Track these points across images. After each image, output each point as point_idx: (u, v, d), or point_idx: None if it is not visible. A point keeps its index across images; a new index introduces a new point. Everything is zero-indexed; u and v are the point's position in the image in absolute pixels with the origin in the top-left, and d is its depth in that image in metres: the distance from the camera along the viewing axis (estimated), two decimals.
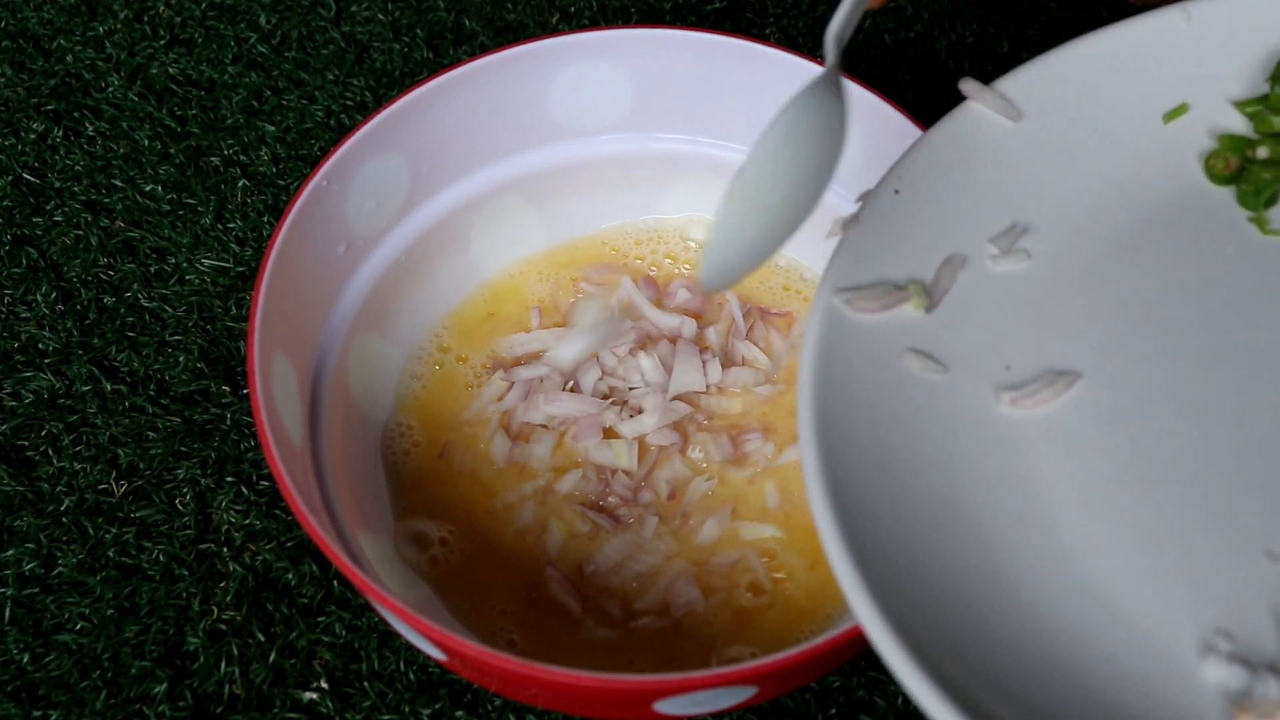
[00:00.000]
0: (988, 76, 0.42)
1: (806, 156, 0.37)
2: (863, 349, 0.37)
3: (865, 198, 0.40)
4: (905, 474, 0.35)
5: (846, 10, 0.39)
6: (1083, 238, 0.40)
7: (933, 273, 0.39)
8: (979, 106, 0.41)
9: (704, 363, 0.51)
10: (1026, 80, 0.41)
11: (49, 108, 0.62)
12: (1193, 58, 0.41)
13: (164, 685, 0.46)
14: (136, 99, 0.62)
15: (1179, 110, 0.41)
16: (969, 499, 0.35)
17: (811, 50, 0.63)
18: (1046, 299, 0.39)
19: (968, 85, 0.41)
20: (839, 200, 0.51)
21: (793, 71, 0.49)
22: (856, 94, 0.48)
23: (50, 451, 0.51)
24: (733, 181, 0.35)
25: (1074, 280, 0.39)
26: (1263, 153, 0.40)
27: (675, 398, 0.50)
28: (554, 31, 0.56)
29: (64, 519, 0.49)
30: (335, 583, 0.48)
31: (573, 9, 0.65)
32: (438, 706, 0.45)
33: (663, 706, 0.39)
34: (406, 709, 0.45)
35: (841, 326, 0.37)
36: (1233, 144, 0.40)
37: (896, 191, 0.39)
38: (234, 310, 0.55)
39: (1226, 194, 0.40)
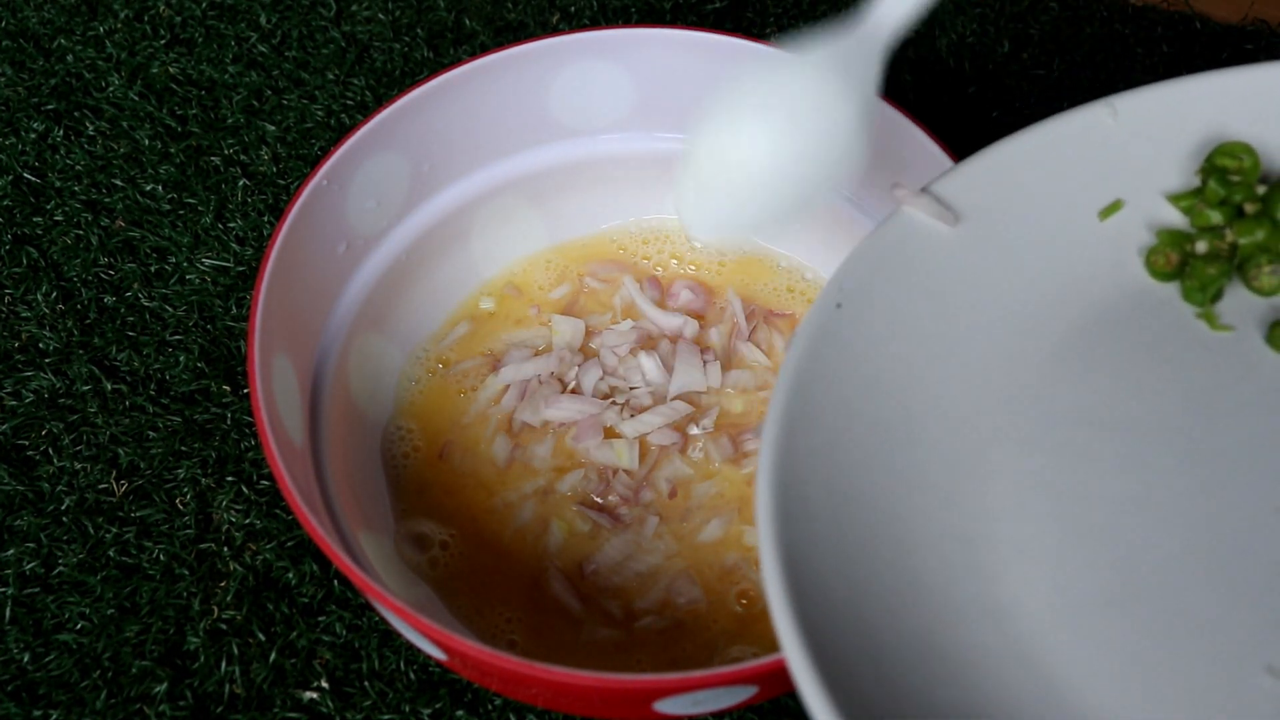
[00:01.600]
0: (988, 76, 0.42)
1: (798, 127, 0.35)
2: (820, 479, 0.35)
3: (807, 315, 0.38)
4: (877, 612, 0.33)
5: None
6: (1031, 343, 0.38)
7: (881, 388, 0.37)
8: (915, 213, 0.39)
9: (705, 363, 0.51)
10: (961, 181, 0.40)
11: (49, 107, 0.62)
12: (1123, 152, 0.40)
13: (164, 685, 0.46)
14: (137, 98, 0.62)
15: (1114, 207, 0.40)
16: (944, 635, 0.33)
17: None
18: (1001, 408, 0.37)
19: (901, 192, 0.39)
20: (840, 200, 0.51)
21: None
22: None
23: (50, 451, 0.51)
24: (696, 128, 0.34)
25: (1027, 388, 0.38)
26: (1202, 247, 0.39)
27: (676, 397, 0.50)
28: (554, 31, 0.56)
29: (64, 518, 0.49)
30: (336, 582, 0.48)
31: (573, 9, 0.65)
32: (438, 706, 0.45)
33: (663, 706, 0.39)
34: (407, 709, 0.45)
35: (796, 453, 0.35)
36: (1171, 239, 0.39)
37: (839, 305, 0.37)
38: (234, 310, 0.55)
39: (1171, 290, 0.39)
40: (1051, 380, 0.38)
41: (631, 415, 0.49)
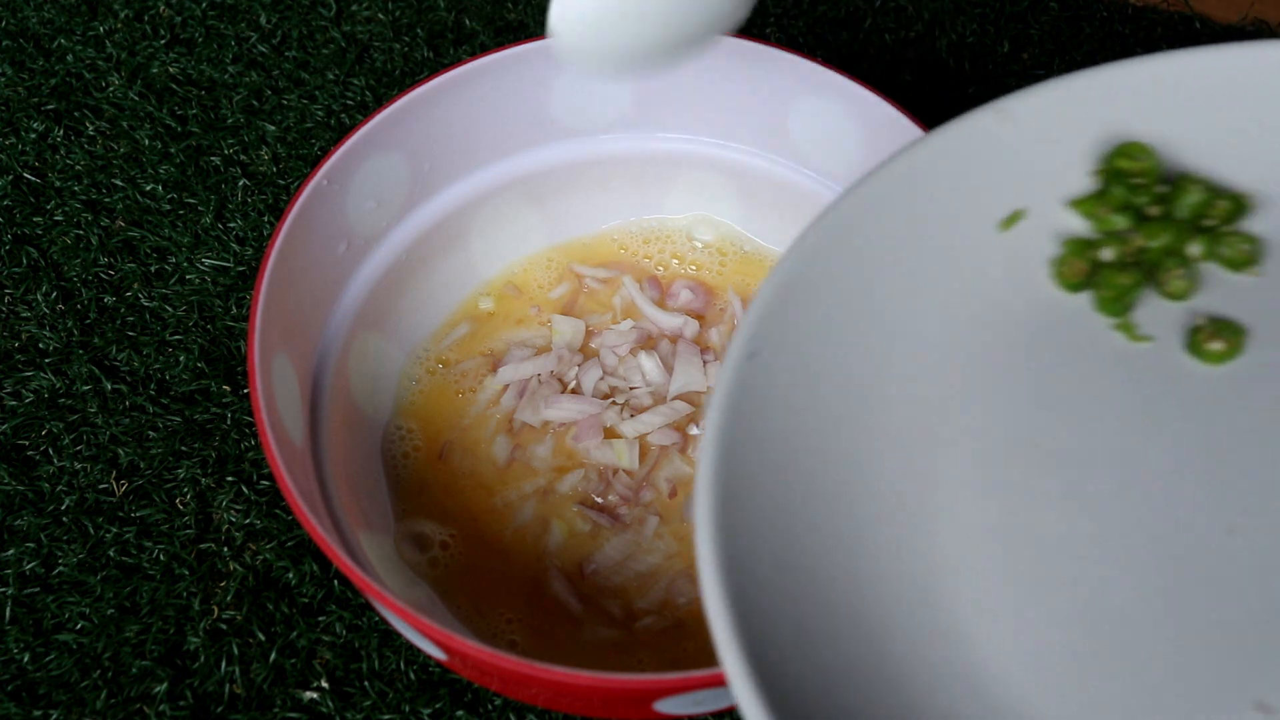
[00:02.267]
0: (988, 76, 0.41)
1: None
2: (766, 553, 0.33)
3: (721, 370, 0.35)
4: (843, 689, 0.31)
5: None
6: (952, 373, 0.36)
7: (810, 442, 0.35)
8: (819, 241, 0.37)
9: (705, 363, 0.51)
10: (855, 209, 0.37)
11: (49, 107, 0.62)
12: (1019, 158, 0.37)
13: (164, 685, 0.46)
14: (137, 98, 0.62)
15: (1014, 217, 0.37)
16: (917, 702, 0.31)
17: (811, 50, 0.63)
18: (931, 450, 0.35)
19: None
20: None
21: (793, 71, 0.49)
22: (857, 94, 0.48)
23: (50, 451, 0.51)
24: None
25: (955, 423, 0.35)
26: (1109, 254, 0.37)
27: (676, 397, 0.50)
28: None
29: (64, 518, 0.49)
30: (336, 582, 0.48)
31: None
32: (438, 706, 0.45)
33: (663, 706, 0.39)
34: (407, 708, 0.45)
35: (736, 529, 0.32)
36: (1077, 248, 0.37)
37: (752, 355, 0.34)
38: (234, 310, 0.55)
39: (1085, 301, 0.37)
40: (979, 413, 0.35)
41: (631, 415, 0.49)
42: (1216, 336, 0.35)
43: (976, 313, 0.37)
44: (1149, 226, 0.37)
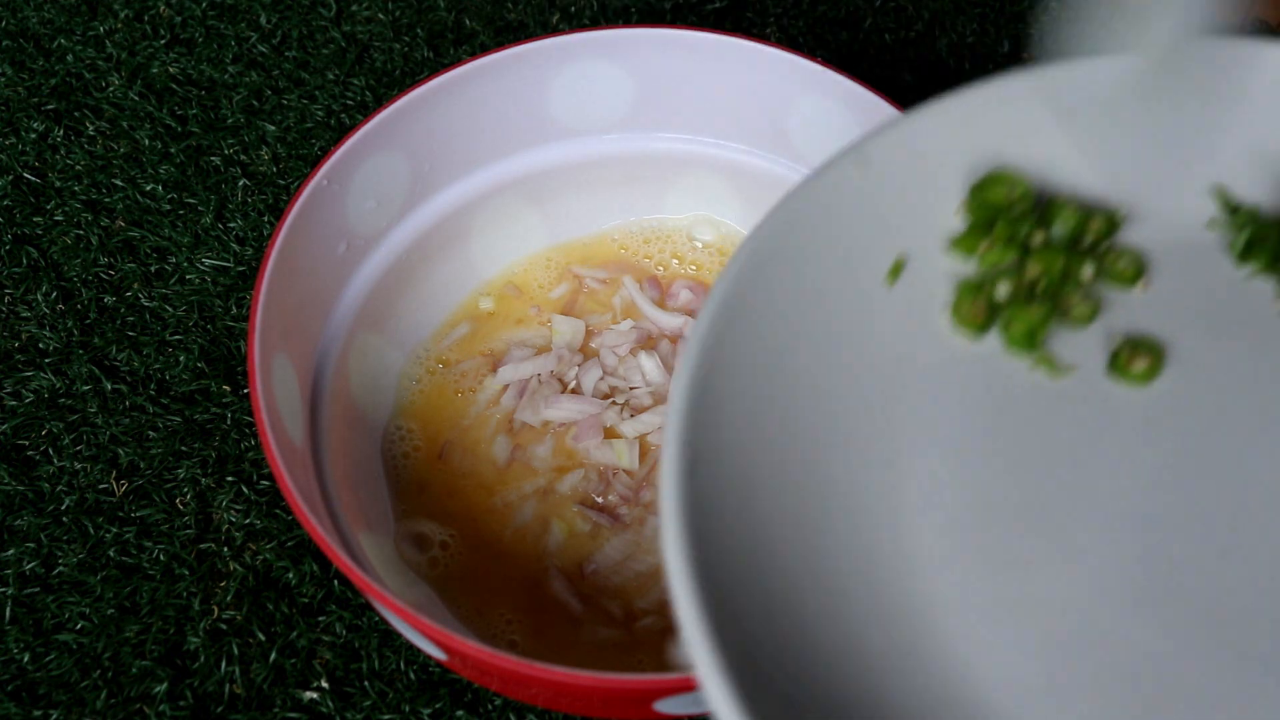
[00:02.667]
0: (988, 76, 0.41)
1: None
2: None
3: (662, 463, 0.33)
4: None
5: None
6: (882, 445, 0.34)
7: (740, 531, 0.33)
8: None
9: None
10: (740, 285, 0.34)
11: (49, 107, 0.62)
12: (885, 203, 0.36)
13: (164, 685, 0.46)
14: (137, 98, 0.62)
15: (896, 267, 0.35)
16: None
17: (811, 50, 0.63)
18: (895, 540, 0.33)
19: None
20: None
21: (793, 71, 0.49)
22: (857, 93, 0.48)
23: (51, 451, 0.51)
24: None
25: (910, 499, 0.33)
26: (1004, 291, 0.35)
27: None
28: (554, 31, 0.56)
29: (64, 518, 0.49)
30: (336, 582, 0.48)
31: (573, 8, 0.65)
32: (438, 706, 0.45)
33: (663, 706, 0.39)
34: (407, 708, 0.45)
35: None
36: (970, 289, 0.35)
37: (689, 449, 0.32)
38: (234, 310, 0.55)
39: (994, 343, 0.35)
40: (926, 490, 0.33)
41: (631, 415, 0.49)
42: (1137, 356, 0.35)
43: (885, 377, 0.35)
44: (1038, 255, 0.35)
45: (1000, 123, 0.37)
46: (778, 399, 0.34)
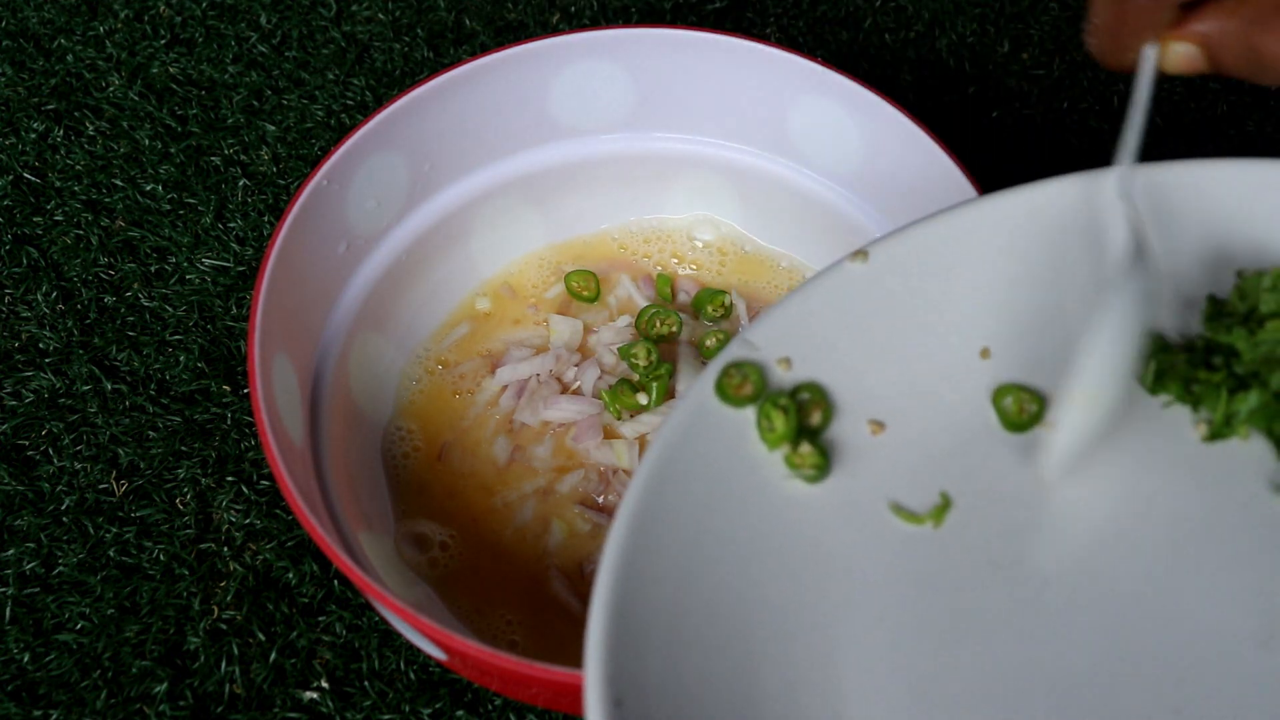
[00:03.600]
0: (988, 76, 0.41)
1: (1133, 344, 0.34)
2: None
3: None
4: None
5: (1130, 147, 0.35)
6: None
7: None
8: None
9: (705, 363, 0.51)
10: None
11: (49, 107, 0.62)
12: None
13: (164, 685, 0.46)
14: (137, 98, 0.62)
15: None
16: None
17: (811, 50, 0.63)
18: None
19: None
20: (840, 200, 0.51)
21: (793, 71, 0.49)
22: (857, 93, 0.48)
23: (51, 451, 0.51)
24: (1075, 380, 0.34)
25: (846, 685, 0.33)
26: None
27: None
28: (554, 31, 0.56)
29: (64, 518, 0.49)
30: (336, 582, 0.48)
31: (573, 8, 0.65)
32: (438, 706, 0.45)
33: None
34: (407, 708, 0.45)
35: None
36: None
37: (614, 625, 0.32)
38: (234, 310, 0.55)
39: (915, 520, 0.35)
40: (864, 669, 0.33)
41: (631, 415, 0.49)
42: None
43: (815, 559, 0.35)
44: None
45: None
46: (702, 596, 0.33)
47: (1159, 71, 0.37)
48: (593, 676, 0.31)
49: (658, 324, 0.50)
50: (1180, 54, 0.37)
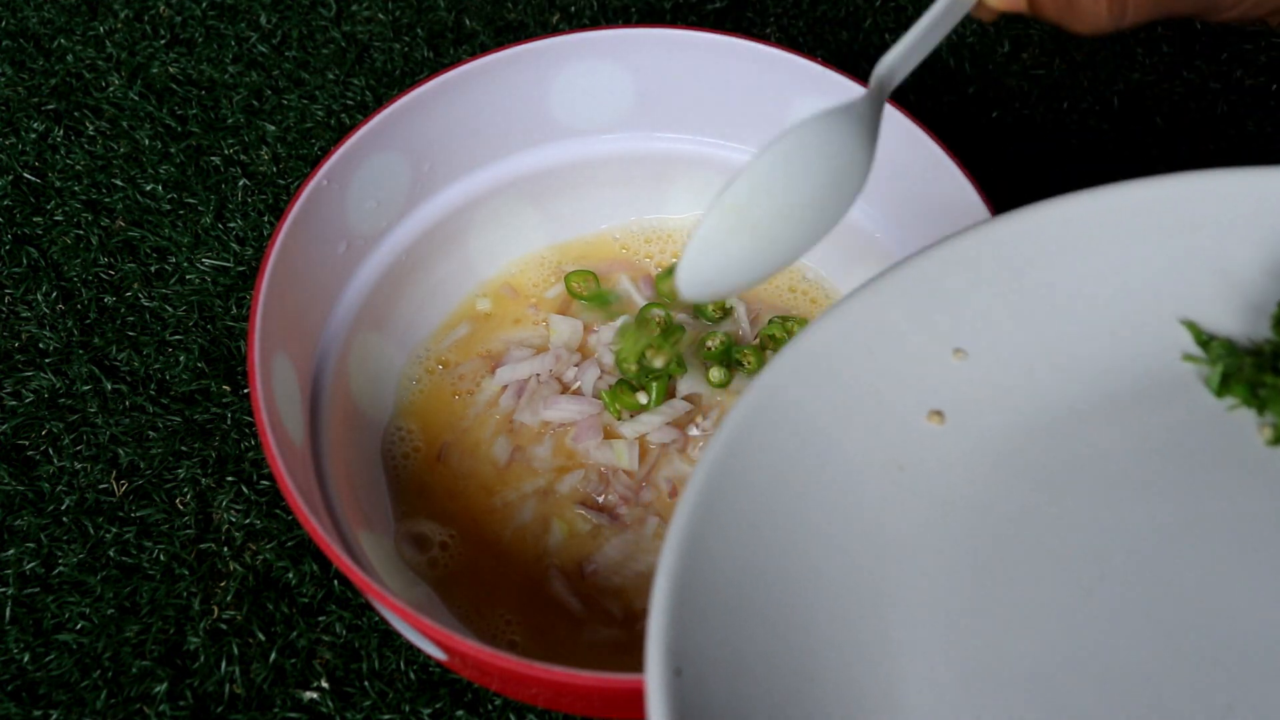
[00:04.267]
0: (988, 76, 0.41)
1: (813, 183, 0.35)
2: None
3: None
4: None
5: (906, 44, 0.36)
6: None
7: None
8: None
9: (706, 364, 0.51)
10: (730, 450, 0.35)
11: (49, 107, 0.62)
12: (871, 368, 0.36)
13: (164, 685, 0.46)
14: (137, 98, 0.62)
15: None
16: None
17: (811, 50, 0.63)
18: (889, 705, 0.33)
19: None
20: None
21: (793, 71, 0.49)
22: (857, 94, 0.48)
23: (51, 451, 0.51)
24: (724, 189, 0.35)
25: (901, 672, 0.33)
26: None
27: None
28: (554, 31, 0.56)
29: (64, 518, 0.49)
30: (336, 582, 0.48)
31: (573, 8, 0.65)
32: (438, 706, 0.45)
33: None
34: (407, 708, 0.45)
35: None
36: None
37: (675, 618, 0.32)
38: (234, 310, 0.55)
39: (975, 497, 0.35)
40: (921, 656, 0.33)
41: (631, 415, 0.49)
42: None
43: (874, 539, 0.35)
44: None
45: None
46: (763, 574, 0.34)
47: (978, 9, 0.38)
48: (654, 645, 0.32)
49: (646, 354, 0.49)
50: None
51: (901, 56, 0.37)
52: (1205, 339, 0.37)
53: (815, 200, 0.35)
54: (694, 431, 0.50)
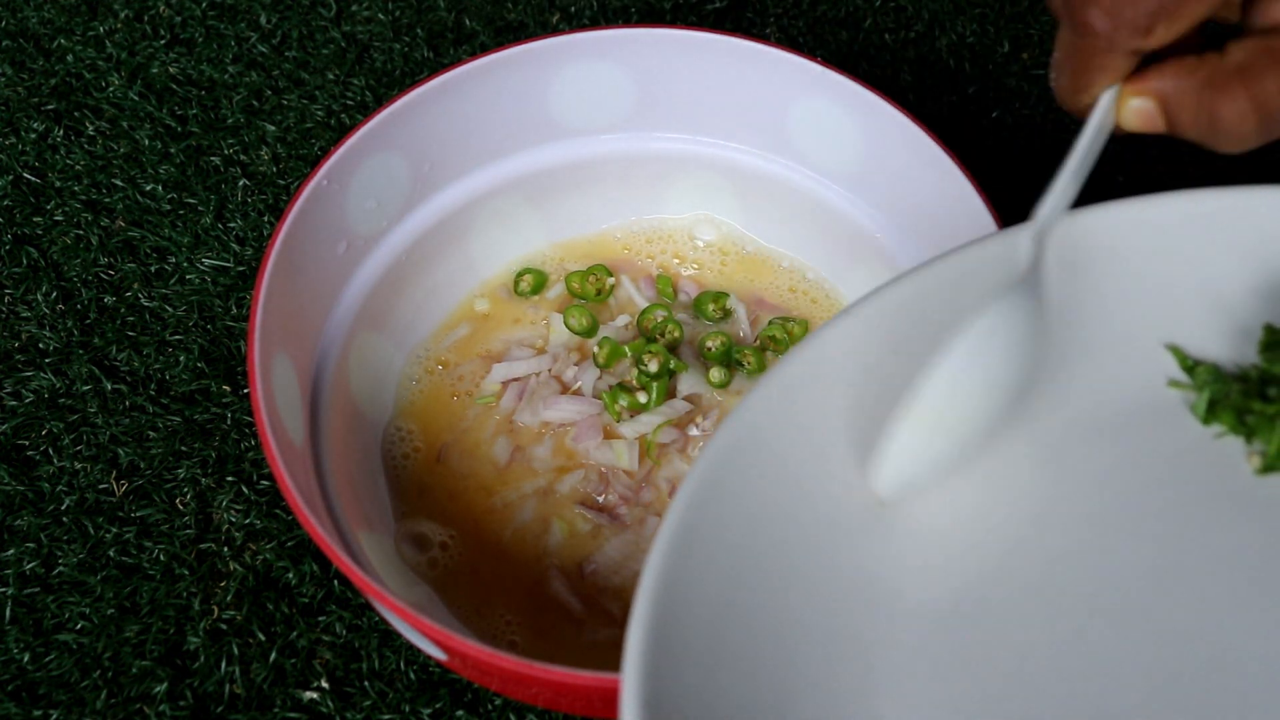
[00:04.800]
0: (988, 76, 0.40)
1: (999, 373, 0.33)
2: None
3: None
4: None
5: (1060, 192, 0.35)
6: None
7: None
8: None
9: (706, 364, 0.51)
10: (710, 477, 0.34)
11: (49, 107, 0.62)
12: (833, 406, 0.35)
13: (164, 685, 0.46)
14: (137, 98, 0.62)
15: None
16: None
17: (811, 50, 0.63)
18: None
19: None
20: (840, 200, 0.51)
21: (793, 71, 0.49)
22: (857, 93, 0.48)
23: (51, 451, 0.51)
24: (913, 394, 0.33)
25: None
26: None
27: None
28: (554, 31, 0.56)
29: (64, 518, 0.49)
30: (336, 582, 0.48)
31: (573, 8, 0.65)
32: (438, 706, 0.45)
33: None
34: (407, 708, 0.45)
35: None
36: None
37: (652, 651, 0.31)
38: (234, 310, 0.55)
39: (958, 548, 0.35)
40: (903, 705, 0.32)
41: (631, 415, 0.49)
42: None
43: (857, 589, 0.34)
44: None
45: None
46: (739, 620, 0.33)
47: (1117, 128, 0.36)
48: (629, 692, 0.30)
49: (668, 329, 0.51)
50: (1137, 110, 0.36)
51: (1057, 205, 0.35)
52: (1190, 364, 0.36)
53: (1003, 384, 0.34)
54: (694, 431, 0.50)
